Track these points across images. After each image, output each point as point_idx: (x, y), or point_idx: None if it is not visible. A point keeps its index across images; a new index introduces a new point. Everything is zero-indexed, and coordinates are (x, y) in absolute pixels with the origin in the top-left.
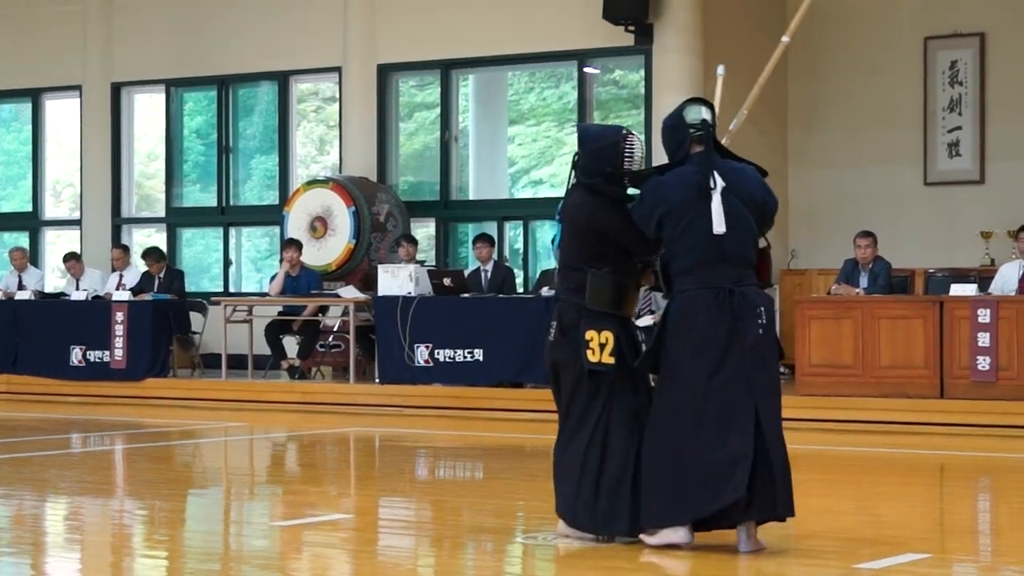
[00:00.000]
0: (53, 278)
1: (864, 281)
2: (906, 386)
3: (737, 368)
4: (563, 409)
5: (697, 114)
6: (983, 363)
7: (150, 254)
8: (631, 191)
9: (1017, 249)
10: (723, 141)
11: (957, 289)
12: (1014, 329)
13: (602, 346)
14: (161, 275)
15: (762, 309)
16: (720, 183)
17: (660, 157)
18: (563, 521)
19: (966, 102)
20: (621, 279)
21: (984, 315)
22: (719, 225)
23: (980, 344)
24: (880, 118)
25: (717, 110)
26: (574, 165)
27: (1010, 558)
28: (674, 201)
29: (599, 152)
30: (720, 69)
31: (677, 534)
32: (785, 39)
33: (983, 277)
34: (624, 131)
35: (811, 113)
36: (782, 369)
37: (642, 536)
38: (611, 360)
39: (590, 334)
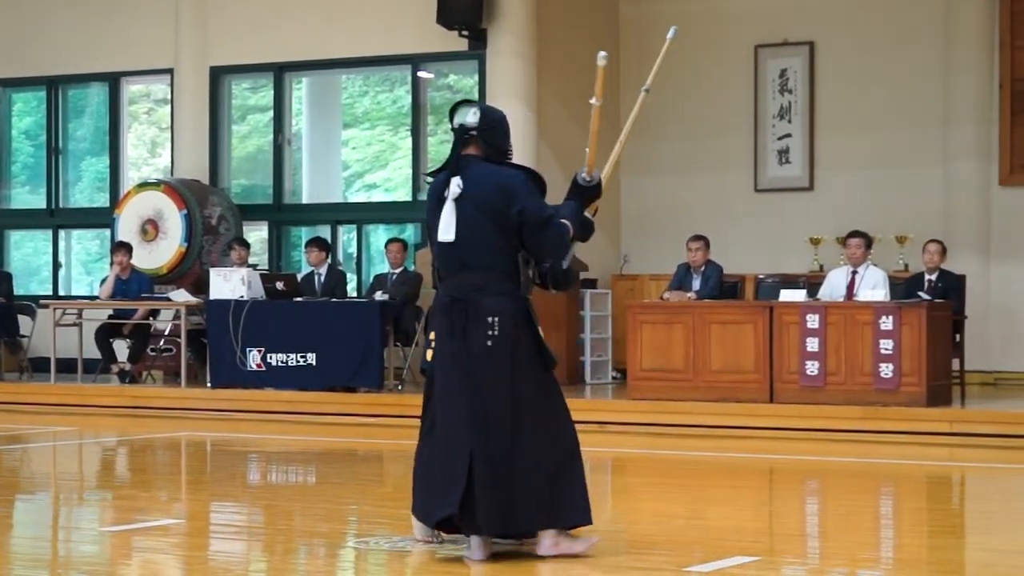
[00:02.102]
0: None
1: (697, 284)
2: (736, 391)
3: (462, 379)
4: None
5: (460, 118)
6: (812, 368)
7: None
8: None
9: (845, 255)
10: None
11: (786, 295)
12: (842, 334)
13: None
14: None
15: (495, 319)
16: (456, 190)
17: None
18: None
19: (796, 110)
20: None
21: (813, 320)
22: (444, 233)
23: (809, 349)
24: (711, 125)
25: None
26: None
27: (837, 560)
28: (428, 206)
29: None
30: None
31: (420, 531)
32: (645, 89)
33: (812, 283)
34: None
35: (643, 121)
36: (613, 373)
37: None
38: None
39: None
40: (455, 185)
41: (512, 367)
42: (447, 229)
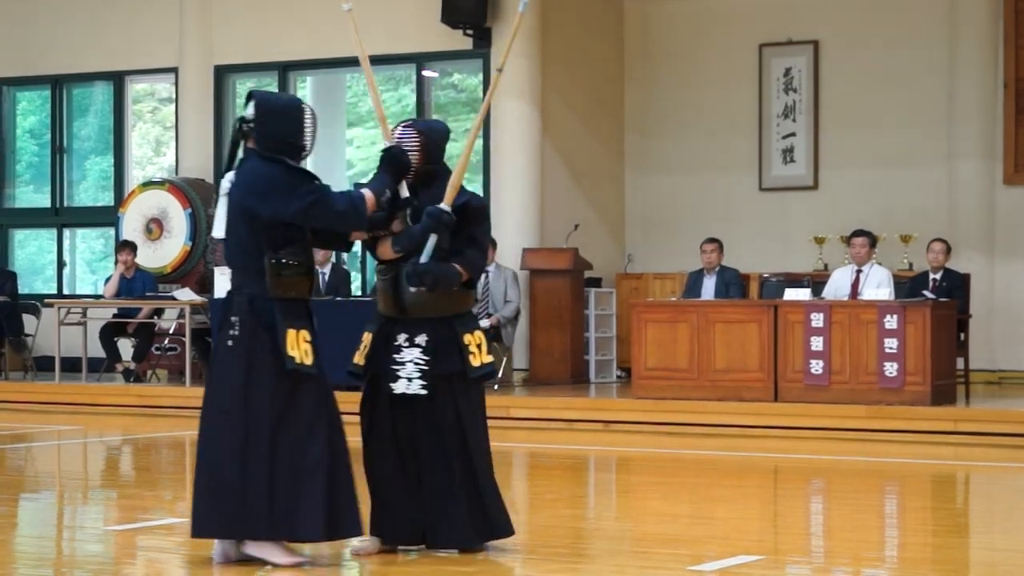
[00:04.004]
0: None
1: (710, 286)
2: (741, 389)
3: (208, 379)
4: None
5: (242, 109)
6: (816, 367)
7: None
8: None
9: (849, 254)
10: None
11: (791, 294)
12: (846, 333)
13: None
14: None
15: (236, 319)
16: (227, 185)
17: (498, 161)
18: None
19: (800, 109)
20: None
21: (817, 319)
22: (216, 229)
23: (813, 348)
24: (716, 124)
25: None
26: None
27: (842, 559)
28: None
29: None
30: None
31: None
32: (498, 70)
33: (816, 282)
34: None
35: (648, 119)
36: (618, 372)
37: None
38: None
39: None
40: (226, 180)
41: (247, 371)
42: (218, 225)
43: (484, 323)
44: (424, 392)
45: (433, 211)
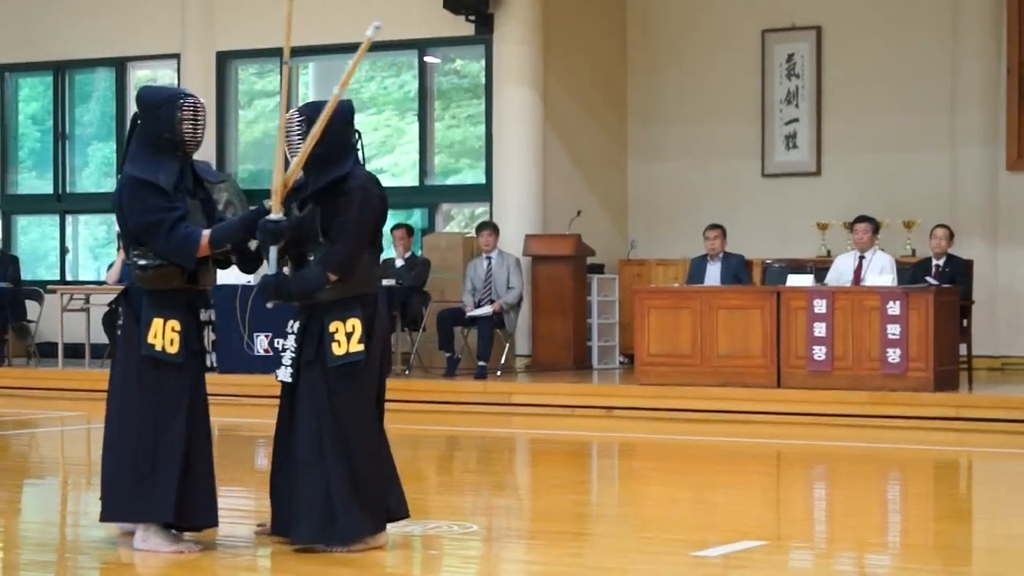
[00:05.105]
0: None
1: (715, 273)
2: (743, 375)
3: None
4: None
5: None
6: (819, 353)
7: None
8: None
9: (852, 240)
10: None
11: (794, 280)
12: (849, 319)
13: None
14: None
15: (121, 309)
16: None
17: (501, 148)
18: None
19: (803, 95)
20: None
21: (820, 305)
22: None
23: (816, 334)
24: (718, 110)
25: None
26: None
27: (844, 544)
28: None
29: None
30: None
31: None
32: (336, 90)
33: (819, 268)
34: None
35: (650, 105)
36: (621, 358)
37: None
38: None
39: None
40: (121, 175)
41: (126, 360)
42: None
43: (487, 309)
44: (289, 380)
45: (261, 225)
